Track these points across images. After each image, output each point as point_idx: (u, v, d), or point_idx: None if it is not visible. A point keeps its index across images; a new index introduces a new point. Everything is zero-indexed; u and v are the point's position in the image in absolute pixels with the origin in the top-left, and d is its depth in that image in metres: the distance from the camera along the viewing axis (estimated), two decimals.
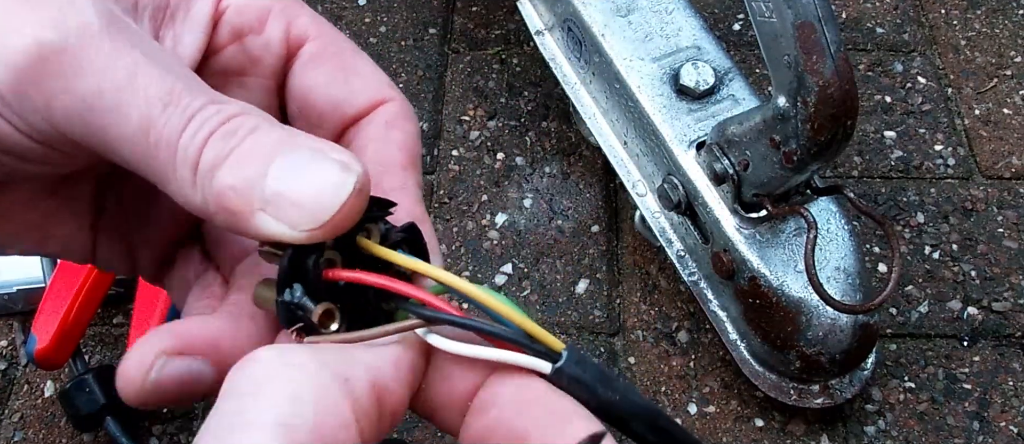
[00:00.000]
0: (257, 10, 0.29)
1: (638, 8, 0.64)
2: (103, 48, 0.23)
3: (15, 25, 0.23)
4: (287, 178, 0.23)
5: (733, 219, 0.56)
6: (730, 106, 0.60)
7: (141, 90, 0.23)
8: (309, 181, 0.23)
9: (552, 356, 0.21)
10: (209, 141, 0.23)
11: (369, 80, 0.29)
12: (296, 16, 0.29)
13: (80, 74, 0.23)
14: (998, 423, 0.61)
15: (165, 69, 0.24)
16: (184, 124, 0.23)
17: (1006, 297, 0.66)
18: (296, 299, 0.23)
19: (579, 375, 0.21)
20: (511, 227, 0.70)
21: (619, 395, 0.21)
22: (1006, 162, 0.74)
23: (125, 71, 0.23)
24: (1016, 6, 0.84)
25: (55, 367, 0.60)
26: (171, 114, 0.23)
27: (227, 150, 0.23)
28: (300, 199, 0.23)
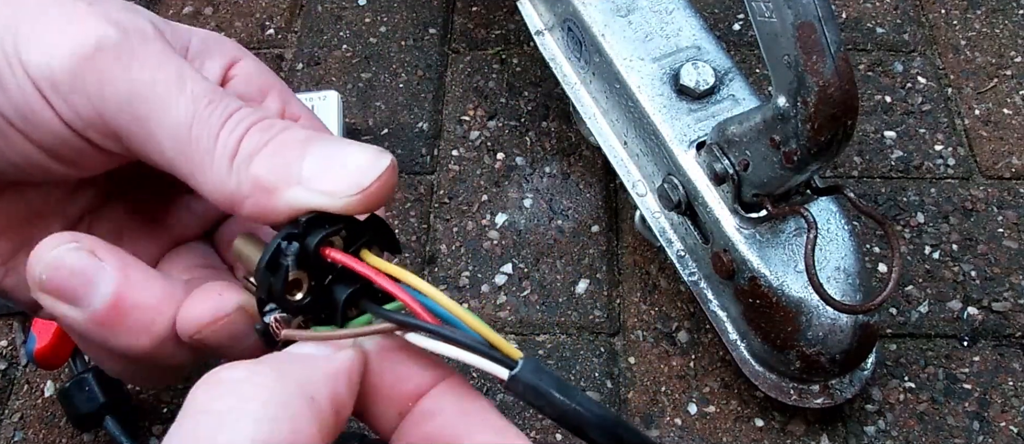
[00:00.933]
0: (260, 85, 0.31)
1: (638, 8, 0.64)
2: (156, 49, 0.26)
3: (79, 17, 0.25)
4: (323, 160, 0.25)
5: (733, 219, 0.56)
6: (730, 106, 0.60)
7: (189, 87, 0.26)
8: (347, 160, 0.25)
9: (510, 363, 0.22)
10: (248, 133, 0.26)
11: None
12: (289, 100, 0.31)
13: (135, 66, 0.25)
14: (998, 423, 0.61)
15: (205, 78, 0.26)
16: (225, 119, 0.26)
17: (1006, 297, 0.66)
18: (287, 262, 0.25)
19: (536, 383, 0.22)
20: (511, 227, 0.70)
21: (577, 403, 0.22)
22: (1006, 162, 0.74)
23: (175, 71, 0.26)
24: (1016, 6, 0.84)
25: (55, 367, 0.60)
26: (213, 111, 0.25)
27: (265, 141, 0.26)
28: (340, 172, 0.25)
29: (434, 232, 0.70)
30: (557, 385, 0.22)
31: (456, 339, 0.23)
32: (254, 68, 0.31)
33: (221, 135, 0.25)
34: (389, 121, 0.77)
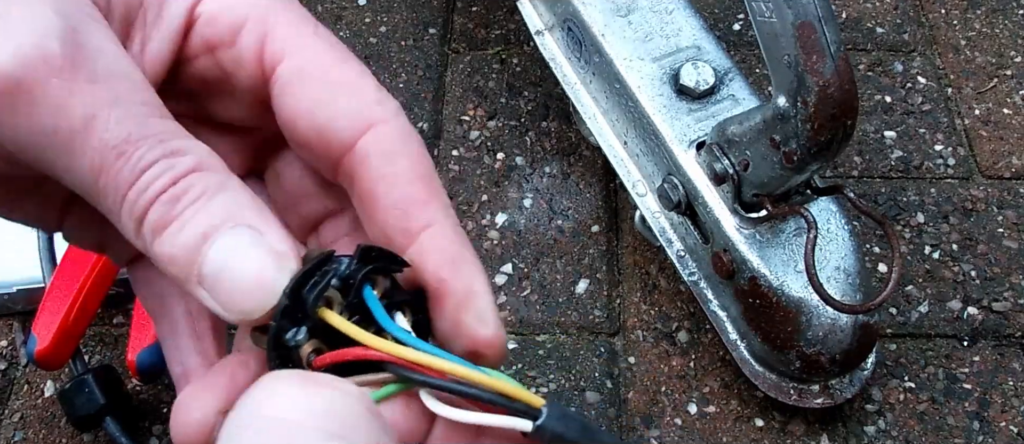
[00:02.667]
0: (230, 22, 0.26)
1: (638, 8, 0.64)
2: (61, 86, 0.22)
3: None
4: (223, 261, 0.23)
5: (733, 219, 0.56)
6: (730, 106, 0.60)
7: (96, 136, 0.22)
8: (243, 271, 0.23)
9: (532, 413, 0.21)
10: (155, 203, 0.23)
11: (354, 100, 0.26)
12: (273, 27, 0.27)
13: (35, 110, 0.22)
14: (998, 423, 0.61)
15: (126, 109, 0.23)
16: (134, 179, 0.23)
17: (1006, 297, 0.66)
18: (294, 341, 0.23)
19: (561, 431, 0.21)
20: (511, 227, 0.70)
21: (604, 441, 0.22)
22: (1006, 162, 0.74)
23: (82, 114, 0.22)
24: (1016, 6, 0.84)
25: (55, 367, 0.60)
26: (122, 166, 0.22)
27: (170, 218, 0.23)
28: (232, 289, 0.23)
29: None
30: (581, 428, 0.22)
31: (470, 395, 0.22)
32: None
33: (128, 196, 0.23)
34: None
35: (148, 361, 0.59)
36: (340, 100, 0.26)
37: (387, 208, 0.26)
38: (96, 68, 0.23)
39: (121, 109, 0.23)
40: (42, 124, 0.22)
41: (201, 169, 0.23)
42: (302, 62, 0.26)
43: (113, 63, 0.23)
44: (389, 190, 0.26)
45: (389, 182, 0.26)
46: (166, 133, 0.23)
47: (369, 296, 0.24)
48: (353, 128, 0.26)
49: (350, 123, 0.26)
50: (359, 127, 0.26)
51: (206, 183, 0.23)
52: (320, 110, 0.26)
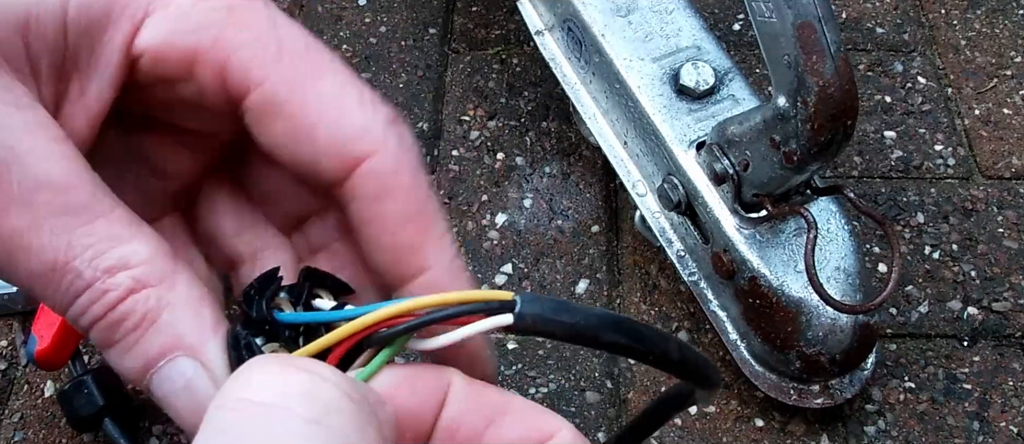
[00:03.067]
0: (178, 57, 0.24)
1: (638, 8, 0.64)
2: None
3: None
4: (170, 390, 0.23)
5: (733, 219, 0.56)
6: (730, 106, 0.60)
7: (24, 264, 0.22)
8: (186, 406, 0.23)
9: (508, 306, 0.22)
10: (93, 328, 0.22)
11: (336, 133, 0.24)
12: (230, 54, 0.24)
13: None
14: (998, 423, 0.61)
15: (49, 230, 0.21)
16: (69, 303, 0.22)
17: (1006, 297, 0.66)
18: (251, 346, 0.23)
19: (538, 311, 0.22)
20: (511, 227, 0.70)
21: (581, 316, 0.22)
22: (1006, 162, 0.74)
23: (5, 247, 0.21)
24: (1016, 6, 0.84)
25: (55, 368, 0.60)
26: (56, 289, 0.22)
27: (111, 341, 0.22)
28: (180, 416, 0.23)
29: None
30: (556, 306, 0.22)
31: (447, 315, 0.22)
32: (169, 25, 0.23)
33: (69, 316, 0.22)
34: None
35: None
36: (320, 135, 0.24)
37: (379, 251, 0.25)
38: (11, 186, 0.21)
39: (45, 231, 0.21)
40: None
41: (138, 288, 0.22)
42: (272, 90, 0.24)
43: (31, 168, 0.21)
44: (378, 235, 0.25)
45: (378, 226, 0.25)
46: (97, 245, 0.22)
47: (317, 303, 0.24)
48: (338, 167, 0.24)
49: (334, 162, 0.24)
50: (345, 165, 0.24)
51: (145, 307, 0.22)
52: (299, 148, 0.24)
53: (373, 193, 0.24)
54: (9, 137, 0.21)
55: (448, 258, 0.25)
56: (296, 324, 0.24)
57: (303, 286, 0.25)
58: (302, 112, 0.24)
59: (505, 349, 0.64)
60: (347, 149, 0.24)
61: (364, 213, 0.25)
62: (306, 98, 0.24)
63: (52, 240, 0.22)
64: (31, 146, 0.22)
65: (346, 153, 0.24)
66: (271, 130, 0.24)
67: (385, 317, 0.22)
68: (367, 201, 0.24)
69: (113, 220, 0.22)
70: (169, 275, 0.23)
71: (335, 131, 0.24)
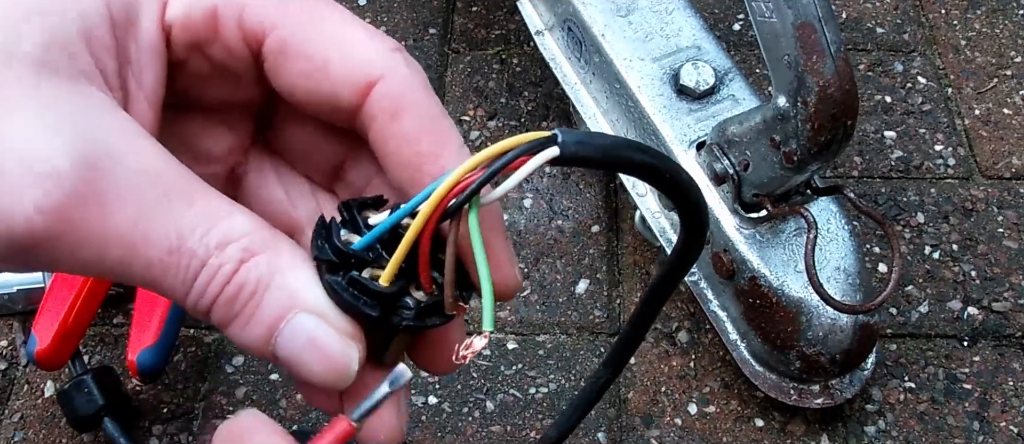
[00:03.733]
0: (203, 16, 0.26)
1: (638, 8, 0.64)
2: (92, 223, 0.22)
3: (14, 195, 0.22)
4: (293, 354, 0.24)
5: (733, 219, 0.56)
6: (730, 106, 0.60)
7: (141, 257, 0.23)
8: (313, 362, 0.24)
9: (551, 140, 0.23)
10: (214, 306, 0.23)
11: (347, 63, 0.26)
12: (245, 5, 0.26)
13: (77, 250, 0.22)
14: (998, 423, 0.61)
15: (159, 218, 0.23)
16: (188, 287, 0.23)
17: (1006, 297, 0.66)
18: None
19: (577, 139, 0.23)
20: (511, 227, 0.70)
21: (610, 140, 0.24)
22: (1006, 162, 0.74)
23: (121, 243, 0.22)
24: (1016, 6, 0.84)
25: (55, 367, 0.60)
26: (173, 275, 0.23)
27: (232, 315, 0.24)
28: (309, 374, 0.24)
29: None
30: (590, 135, 0.24)
31: (509, 160, 0.23)
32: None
33: (189, 300, 0.24)
34: None
35: (148, 361, 0.59)
36: (333, 68, 0.26)
37: (398, 166, 0.26)
38: (118, 184, 0.22)
39: (155, 220, 0.23)
40: (86, 258, 0.23)
41: (247, 257, 0.23)
42: (284, 34, 0.26)
43: (130, 164, 0.23)
44: (398, 149, 0.26)
45: (397, 141, 0.26)
46: (204, 223, 0.23)
47: (372, 221, 0.26)
48: (353, 95, 0.26)
49: (349, 90, 0.26)
50: (359, 91, 0.26)
51: (257, 274, 0.24)
52: (315, 84, 0.26)
53: (388, 112, 0.26)
54: (103, 139, 0.22)
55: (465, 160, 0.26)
56: (372, 244, 0.25)
57: (351, 213, 0.25)
58: (314, 50, 0.26)
59: (505, 349, 0.64)
60: (359, 76, 0.26)
61: (382, 133, 0.26)
62: (316, 36, 0.26)
63: (164, 222, 0.23)
64: (124, 144, 0.23)
65: (358, 80, 0.26)
66: (288, 71, 0.26)
67: (449, 187, 0.23)
68: (384, 121, 0.26)
69: (210, 197, 0.24)
70: (272, 241, 0.24)
71: (346, 62, 0.26)
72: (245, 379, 0.63)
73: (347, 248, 0.24)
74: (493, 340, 0.65)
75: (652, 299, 0.32)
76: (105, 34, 0.24)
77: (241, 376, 0.63)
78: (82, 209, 0.22)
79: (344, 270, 0.24)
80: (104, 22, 0.24)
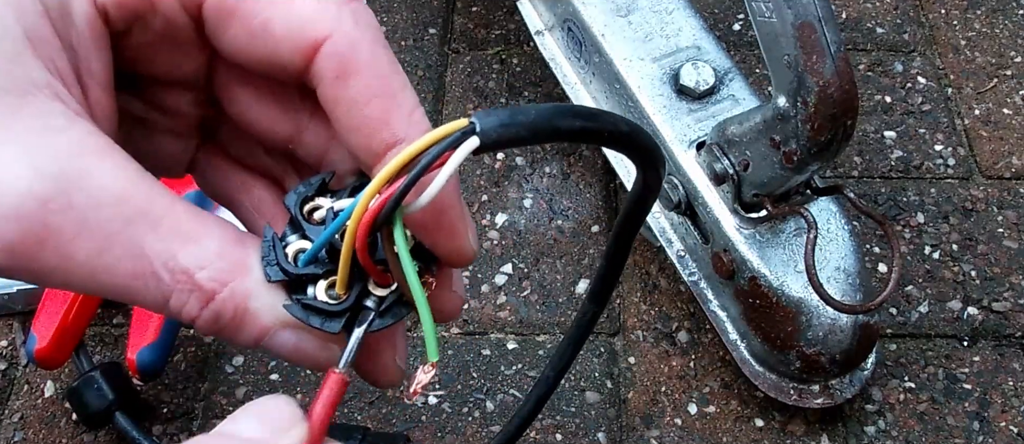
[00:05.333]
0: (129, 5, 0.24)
1: (638, 8, 0.64)
2: (51, 256, 0.22)
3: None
4: (283, 353, 0.25)
5: (733, 219, 0.56)
6: (730, 106, 0.60)
7: (108, 283, 0.23)
8: (304, 358, 0.25)
9: (469, 130, 0.22)
10: (196, 322, 0.24)
11: (291, 19, 0.24)
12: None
13: (40, 278, 0.23)
14: (998, 423, 0.61)
15: (124, 245, 0.22)
16: (163, 302, 0.23)
17: (1006, 297, 0.66)
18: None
19: (496, 122, 0.22)
20: (511, 227, 0.70)
21: (534, 112, 0.22)
22: (1006, 162, 0.74)
23: (82, 271, 0.22)
24: (1016, 6, 0.84)
25: (55, 367, 0.60)
26: (144, 296, 0.23)
27: (217, 331, 0.24)
28: (304, 365, 0.26)
29: None
30: (511, 113, 0.22)
31: (432, 159, 0.22)
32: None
33: (167, 311, 0.24)
34: None
35: (148, 360, 0.59)
36: (275, 27, 0.24)
37: (348, 131, 0.25)
38: (76, 218, 0.22)
39: (116, 250, 0.22)
40: (52, 283, 0.23)
41: (218, 289, 0.23)
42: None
43: (90, 192, 0.22)
44: (347, 113, 0.25)
45: (345, 106, 0.25)
46: (169, 247, 0.23)
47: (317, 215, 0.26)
48: (297, 56, 0.24)
49: (292, 51, 0.24)
50: (304, 52, 0.24)
51: (233, 304, 0.24)
52: (258, 45, 0.25)
53: (335, 73, 0.24)
54: (60, 166, 0.22)
55: (418, 126, 0.25)
56: (316, 256, 0.25)
57: (300, 214, 0.26)
58: (254, 8, 0.24)
59: (505, 349, 0.64)
60: (302, 36, 0.24)
61: (330, 96, 0.25)
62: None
63: (126, 251, 0.22)
64: (84, 168, 0.22)
65: (302, 40, 0.24)
66: (230, 34, 0.25)
67: (367, 202, 0.22)
68: (331, 83, 0.24)
69: (177, 216, 0.23)
70: (242, 262, 0.24)
71: (288, 20, 0.24)
72: (245, 379, 0.63)
73: (296, 268, 0.25)
74: (494, 340, 0.65)
75: (621, 234, 0.32)
76: (47, 31, 0.23)
77: (241, 376, 0.63)
78: (39, 247, 0.22)
79: (298, 291, 0.25)
80: (41, 18, 0.23)
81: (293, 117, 0.28)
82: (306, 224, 0.25)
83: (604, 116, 0.24)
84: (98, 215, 0.22)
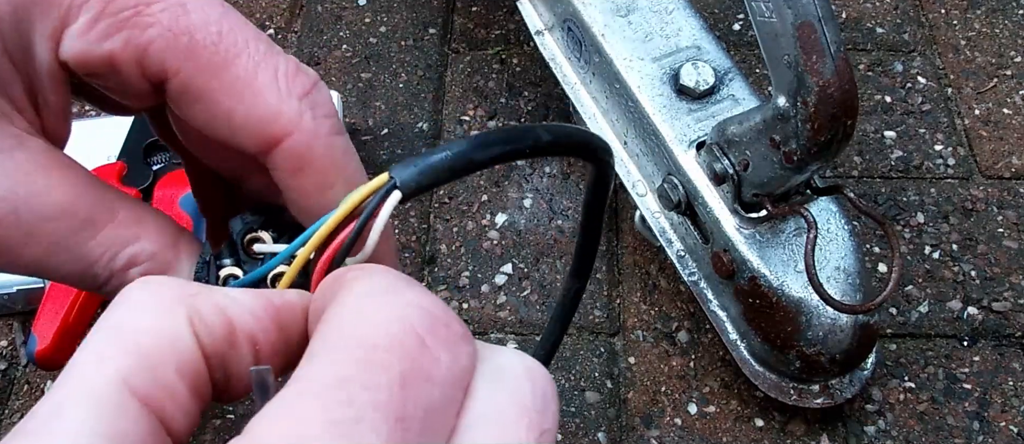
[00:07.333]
0: (100, 61, 0.25)
1: (638, 8, 0.64)
2: (4, 262, 0.24)
3: None
4: None
5: (733, 219, 0.56)
6: (730, 106, 0.60)
7: (55, 276, 0.25)
8: None
9: (390, 186, 0.23)
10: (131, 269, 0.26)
11: (252, 113, 0.25)
12: (145, 50, 0.25)
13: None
14: (998, 423, 0.61)
15: (67, 250, 0.25)
16: (105, 294, 0.25)
17: (1006, 297, 0.66)
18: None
19: (413, 171, 0.23)
20: (511, 227, 0.70)
21: (449, 151, 0.23)
22: (1006, 162, 0.74)
23: (32, 270, 0.25)
24: (1016, 6, 0.84)
25: (55, 367, 0.60)
26: (90, 289, 0.25)
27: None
28: None
29: (434, 232, 0.70)
30: (425, 158, 0.23)
31: (361, 225, 0.23)
32: (82, 39, 0.24)
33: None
34: (389, 121, 0.77)
35: None
36: (236, 119, 0.25)
37: (300, 211, 0.27)
38: (25, 231, 0.24)
39: (61, 255, 0.25)
40: (9, 271, 0.25)
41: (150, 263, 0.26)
42: (186, 79, 0.25)
43: (37, 208, 0.24)
44: (298, 199, 0.26)
45: (297, 193, 0.26)
46: (109, 250, 0.25)
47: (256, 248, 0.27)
48: (256, 147, 0.26)
49: (252, 143, 0.26)
50: (263, 146, 0.26)
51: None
52: (221, 130, 0.25)
53: (291, 169, 0.26)
54: (8, 185, 0.24)
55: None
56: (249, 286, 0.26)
57: (236, 239, 0.27)
58: (217, 98, 0.25)
59: None
60: (263, 131, 0.25)
61: (285, 183, 0.26)
62: (220, 85, 0.25)
63: (69, 256, 0.25)
64: (29, 188, 0.24)
65: (262, 136, 0.25)
66: (192, 113, 0.26)
67: (306, 253, 0.24)
68: (287, 173, 0.26)
69: (118, 224, 0.25)
70: (172, 263, 0.26)
71: (249, 114, 0.25)
72: None
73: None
74: (494, 340, 0.65)
75: (590, 214, 0.33)
76: (4, 63, 0.25)
77: None
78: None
79: None
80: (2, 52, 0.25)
81: (241, 166, 0.30)
82: (243, 253, 0.27)
83: (522, 134, 0.24)
84: (44, 227, 0.24)
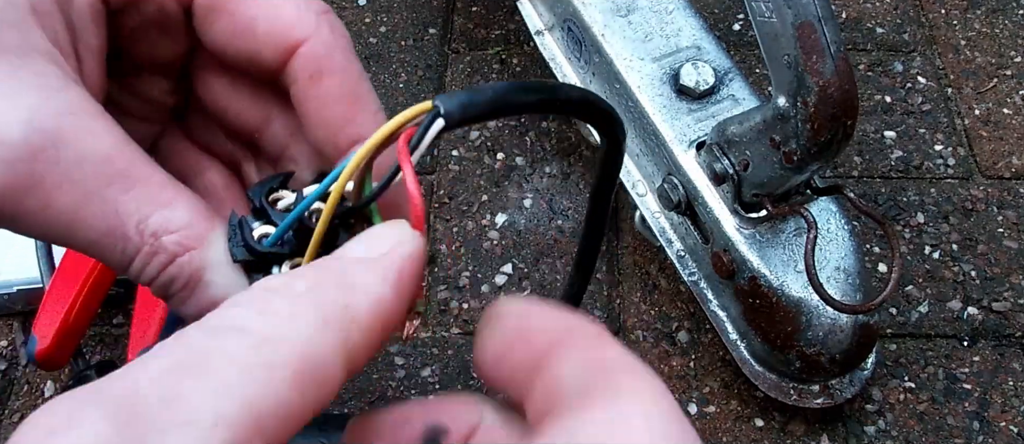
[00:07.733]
0: None
1: (638, 8, 0.64)
2: (34, 204, 0.23)
3: None
4: None
5: (733, 219, 0.56)
6: (730, 106, 0.60)
7: (81, 236, 0.24)
8: None
9: (434, 112, 0.23)
10: (153, 284, 0.24)
11: (275, 24, 0.27)
12: None
13: (19, 224, 0.24)
14: (998, 423, 0.61)
15: (99, 204, 0.24)
16: (126, 265, 0.24)
17: (1006, 297, 0.66)
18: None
19: (458, 102, 0.23)
20: (511, 227, 0.70)
21: (492, 90, 0.23)
22: (1006, 162, 0.74)
23: (59, 222, 0.24)
24: (1016, 6, 0.84)
25: (56, 368, 0.60)
26: (111, 254, 0.24)
27: (168, 296, 0.25)
28: None
29: (434, 232, 0.70)
30: (471, 93, 0.23)
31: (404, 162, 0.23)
32: None
33: (130, 272, 0.25)
34: None
35: None
36: (259, 27, 0.26)
37: (316, 126, 0.27)
38: (61, 171, 0.23)
39: (95, 202, 0.24)
40: (29, 231, 0.24)
41: (181, 252, 0.24)
42: None
43: (77, 149, 0.23)
44: (317, 110, 0.27)
45: (316, 103, 0.27)
46: (142, 209, 0.24)
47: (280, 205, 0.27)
48: (276, 55, 0.27)
49: (273, 50, 0.26)
50: (282, 52, 0.26)
51: (190, 269, 0.25)
52: (241, 42, 0.27)
53: (309, 74, 0.27)
54: (52, 121, 0.23)
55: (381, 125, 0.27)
56: (283, 237, 0.25)
57: (261, 201, 0.26)
58: (241, 8, 0.26)
59: None
60: (283, 37, 0.26)
61: (302, 94, 0.27)
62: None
63: (102, 208, 0.24)
64: (74, 127, 0.24)
65: (283, 41, 0.26)
66: (216, 28, 0.27)
67: (348, 175, 0.24)
68: (304, 82, 0.27)
69: (152, 184, 0.24)
70: (207, 235, 0.25)
71: (272, 22, 0.26)
72: None
73: (261, 246, 0.25)
74: None
75: (597, 201, 0.34)
76: (49, 5, 0.25)
77: None
78: (22, 194, 0.23)
79: (260, 273, 0.25)
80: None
81: (263, 109, 0.30)
82: (272, 210, 0.26)
83: (559, 88, 0.25)
84: (81, 171, 0.23)
